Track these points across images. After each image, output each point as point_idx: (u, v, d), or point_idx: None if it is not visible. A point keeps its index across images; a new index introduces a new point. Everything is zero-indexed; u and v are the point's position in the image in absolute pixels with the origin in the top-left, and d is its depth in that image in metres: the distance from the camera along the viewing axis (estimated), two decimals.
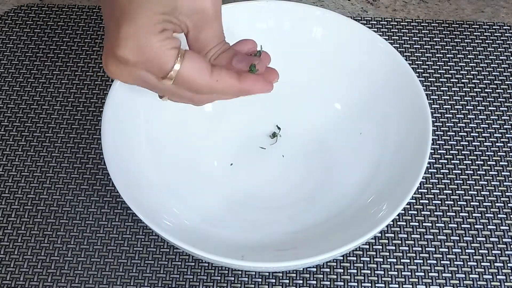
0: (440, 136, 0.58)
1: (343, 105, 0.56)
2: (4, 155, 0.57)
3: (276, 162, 0.56)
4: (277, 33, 0.56)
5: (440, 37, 0.64)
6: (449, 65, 0.62)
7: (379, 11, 0.66)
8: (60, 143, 0.58)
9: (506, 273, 0.51)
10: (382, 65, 0.54)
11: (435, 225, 0.53)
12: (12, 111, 0.59)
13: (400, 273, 0.51)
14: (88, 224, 0.53)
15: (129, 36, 0.39)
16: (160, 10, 0.39)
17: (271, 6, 0.56)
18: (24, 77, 0.62)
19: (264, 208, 0.53)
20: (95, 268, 0.51)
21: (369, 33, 0.54)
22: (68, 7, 0.67)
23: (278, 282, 0.51)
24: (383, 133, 0.53)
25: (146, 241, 0.52)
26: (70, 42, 0.64)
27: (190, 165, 0.54)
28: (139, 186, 0.49)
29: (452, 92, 0.61)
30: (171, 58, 0.40)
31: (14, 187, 0.55)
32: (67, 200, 0.54)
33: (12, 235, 0.53)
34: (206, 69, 0.41)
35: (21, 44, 0.64)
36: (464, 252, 0.52)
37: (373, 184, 0.51)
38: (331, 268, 0.51)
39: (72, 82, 0.61)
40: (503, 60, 0.63)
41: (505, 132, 0.58)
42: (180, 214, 0.50)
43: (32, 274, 0.51)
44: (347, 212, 0.51)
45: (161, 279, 0.51)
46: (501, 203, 0.54)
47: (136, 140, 0.51)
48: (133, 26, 0.39)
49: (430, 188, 0.55)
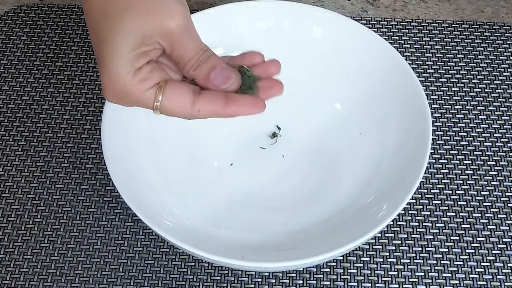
0: (440, 136, 0.58)
1: (343, 105, 0.56)
2: (4, 155, 0.57)
3: (276, 162, 0.56)
4: (277, 33, 0.56)
5: (440, 37, 0.64)
6: (449, 65, 0.62)
7: (379, 11, 0.66)
8: (60, 143, 0.58)
9: (506, 273, 0.51)
10: (382, 65, 0.54)
11: (435, 225, 0.53)
12: (12, 111, 0.59)
13: (400, 273, 0.51)
14: (88, 224, 0.53)
15: (108, 85, 0.41)
16: (129, 47, 0.40)
17: (271, 6, 0.56)
18: (24, 77, 0.62)
19: (264, 208, 0.53)
20: (95, 268, 0.51)
21: (369, 33, 0.54)
22: (68, 7, 0.67)
23: (278, 282, 0.51)
24: (383, 133, 0.53)
25: (146, 241, 0.52)
26: (70, 42, 0.64)
27: (190, 165, 0.54)
28: (139, 186, 0.49)
29: (452, 92, 0.61)
30: (150, 98, 0.42)
31: (14, 187, 0.55)
32: (67, 200, 0.54)
33: (12, 235, 0.53)
34: (187, 102, 0.42)
35: (21, 44, 0.64)
36: (464, 252, 0.52)
37: (373, 184, 0.51)
38: (331, 268, 0.51)
39: (72, 82, 0.61)
40: (503, 60, 0.63)
41: (505, 132, 0.58)
42: (180, 214, 0.50)
43: (32, 274, 0.51)
44: (347, 212, 0.51)
45: (161, 279, 0.51)
46: (501, 203, 0.54)
47: (136, 140, 0.51)
48: (108, 75, 0.41)
49: (430, 188, 0.55)
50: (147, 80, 0.42)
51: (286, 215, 0.53)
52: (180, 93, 0.42)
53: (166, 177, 0.52)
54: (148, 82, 0.42)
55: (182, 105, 0.42)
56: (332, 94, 0.57)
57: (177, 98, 0.42)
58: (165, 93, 0.42)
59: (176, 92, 0.42)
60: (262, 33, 0.57)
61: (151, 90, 0.42)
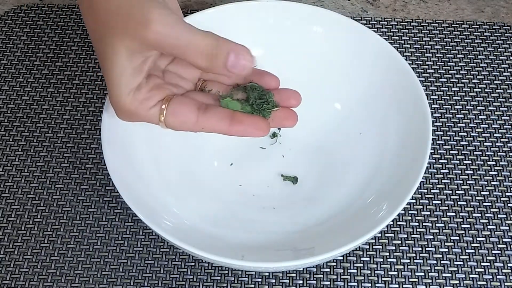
0: (440, 136, 0.58)
1: (343, 105, 0.56)
2: (4, 155, 0.57)
3: (276, 162, 0.56)
4: (277, 33, 0.56)
5: (440, 37, 0.64)
6: (449, 65, 0.62)
7: (379, 11, 0.66)
8: (60, 143, 0.58)
9: (506, 273, 0.51)
10: (382, 65, 0.54)
11: (435, 225, 0.53)
12: (12, 111, 0.59)
13: (400, 273, 0.51)
14: (88, 224, 0.53)
15: (115, 107, 0.42)
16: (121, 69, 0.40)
17: (271, 6, 0.56)
18: (24, 77, 0.62)
19: (264, 208, 0.53)
20: (95, 268, 0.51)
21: (369, 33, 0.54)
22: (68, 7, 0.67)
23: (278, 282, 0.51)
24: (383, 133, 0.53)
25: (146, 241, 0.52)
26: (70, 42, 0.64)
27: (190, 165, 0.54)
28: (139, 186, 0.49)
29: (452, 92, 0.61)
30: (154, 116, 0.42)
31: (14, 187, 0.55)
32: (67, 200, 0.54)
33: (12, 235, 0.53)
34: (191, 118, 0.42)
35: (21, 44, 0.64)
36: (464, 252, 0.52)
37: (373, 184, 0.51)
38: (331, 268, 0.51)
39: (72, 82, 0.61)
40: (503, 60, 0.63)
41: (505, 132, 0.58)
42: (180, 214, 0.50)
43: (32, 274, 0.51)
44: (347, 212, 0.51)
45: (161, 279, 0.51)
46: (501, 203, 0.54)
47: (136, 140, 0.51)
48: (112, 99, 0.42)
49: (430, 188, 0.55)
50: (148, 99, 0.42)
51: (286, 215, 0.52)
52: (184, 109, 0.43)
53: (166, 177, 0.52)
54: (150, 101, 0.42)
55: (186, 121, 0.43)
56: (332, 94, 0.57)
57: (181, 115, 0.42)
58: (168, 111, 0.42)
59: (179, 109, 0.42)
60: (262, 33, 0.57)
61: (154, 108, 0.42)
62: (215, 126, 0.43)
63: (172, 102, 0.42)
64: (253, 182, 0.54)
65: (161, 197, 0.50)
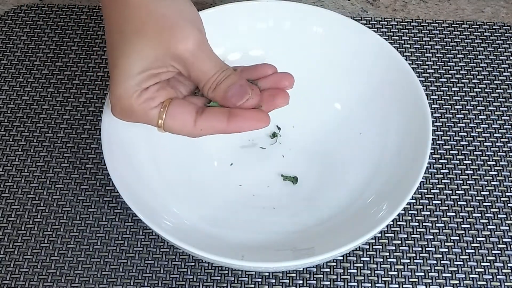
0: (440, 136, 0.58)
1: (343, 105, 0.56)
2: (4, 155, 0.57)
3: (276, 162, 0.56)
4: (277, 33, 0.56)
5: (440, 37, 0.64)
6: (449, 65, 0.62)
7: (379, 11, 0.66)
8: (60, 143, 0.58)
9: (506, 273, 0.51)
10: (382, 65, 0.54)
11: (435, 225, 0.53)
12: (12, 111, 0.59)
13: (400, 273, 0.51)
14: (88, 224, 0.53)
15: (116, 102, 0.43)
16: (139, 69, 0.41)
17: (271, 6, 0.56)
18: (24, 77, 0.62)
19: (264, 208, 0.53)
20: (95, 268, 0.51)
21: (369, 33, 0.54)
22: (68, 7, 0.67)
23: (278, 282, 0.51)
24: (383, 133, 0.53)
25: (146, 241, 0.52)
26: (70, 42, 0.64)
27: (190, 165, 0.54)
28: (139, 186, 0.49)
29: (452, 92, 0.61)
30: (154, 117, 0.43)
31: (14, 187, 0.55)
32: (67, 200, 0.54)
33: (12, 235, 0.53)
34: (189, 121, 0.43)
35: (21, 44, 0.64)
36: (464, 252, 0.52)
37: (373, 184, 0.51)
38: (331, 268, 0.51)
39: (72, 82, 0.61)
40: (503, 60, 0.63)
41: (505, 132, 0.58)
42: (180, 214, 0.50)
43: (32, 274, 0.51)
44: (347, 212, 0.51)
45: (161, 279, 0.51)
46: (501, 203, 0.54)
47: (136, 140, 0.51)
48: (116, 92, 0.42)
49: (430, 188, 0.55)
50: (152, 99, 0.42)
51: (286, 215, 0.52)
52: (183, 112, 0.43)
53: (166, 177, 0.52)
54: (153, 101, 0.42)
55: (185, 124, 0.43)
56: (332, 94, 0.57)
57: (179, 117, 0.43)
58: (168, 112, 0.43)
59: (179, 111, 0.43)
60: (262, 33, 0.57)
61: (155, 109, 0.43)
62: (214, 125, 0.43)
63: (172, 104, 0.43)
64: (253, 182, 0.54)
65: (161, 197, 0.50)
